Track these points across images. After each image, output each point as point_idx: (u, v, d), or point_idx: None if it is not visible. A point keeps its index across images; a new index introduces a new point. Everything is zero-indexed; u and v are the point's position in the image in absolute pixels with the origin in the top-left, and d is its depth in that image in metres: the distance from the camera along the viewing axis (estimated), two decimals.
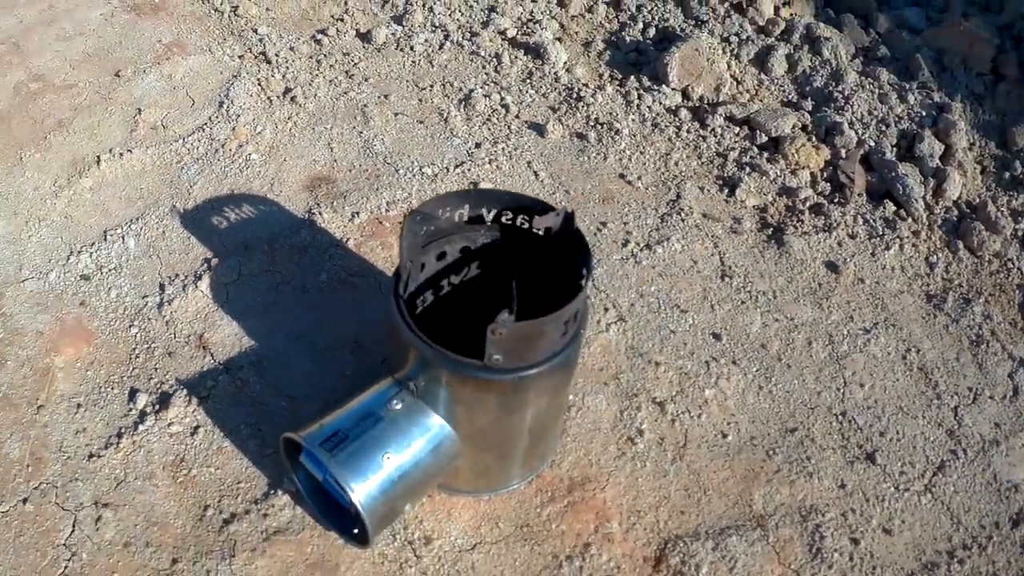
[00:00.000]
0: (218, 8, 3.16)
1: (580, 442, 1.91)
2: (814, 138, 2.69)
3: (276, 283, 2.18)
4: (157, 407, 1.89)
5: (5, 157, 2.49)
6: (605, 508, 1.80)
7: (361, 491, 1.51)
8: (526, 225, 1.71)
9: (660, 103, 2.87)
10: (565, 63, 3.03)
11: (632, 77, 2.96)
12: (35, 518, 1.69)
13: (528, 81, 2.95)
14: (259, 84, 2.79)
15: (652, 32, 3.14)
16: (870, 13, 3.18)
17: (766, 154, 2.68)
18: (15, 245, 2.24)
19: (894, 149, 2.66)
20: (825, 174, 2.62)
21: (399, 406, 1.62)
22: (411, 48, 3.05)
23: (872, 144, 2.66)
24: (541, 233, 1.69)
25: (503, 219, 1.73)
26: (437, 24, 3.16)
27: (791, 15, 3.06)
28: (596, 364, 2.08)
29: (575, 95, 2.89)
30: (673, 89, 2.89)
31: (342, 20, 3.14)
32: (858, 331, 2.20)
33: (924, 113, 2.74)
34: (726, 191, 2.57)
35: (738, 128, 2.77)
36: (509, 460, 1.73)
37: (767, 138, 2.71)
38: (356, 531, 1.66)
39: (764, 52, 2.94)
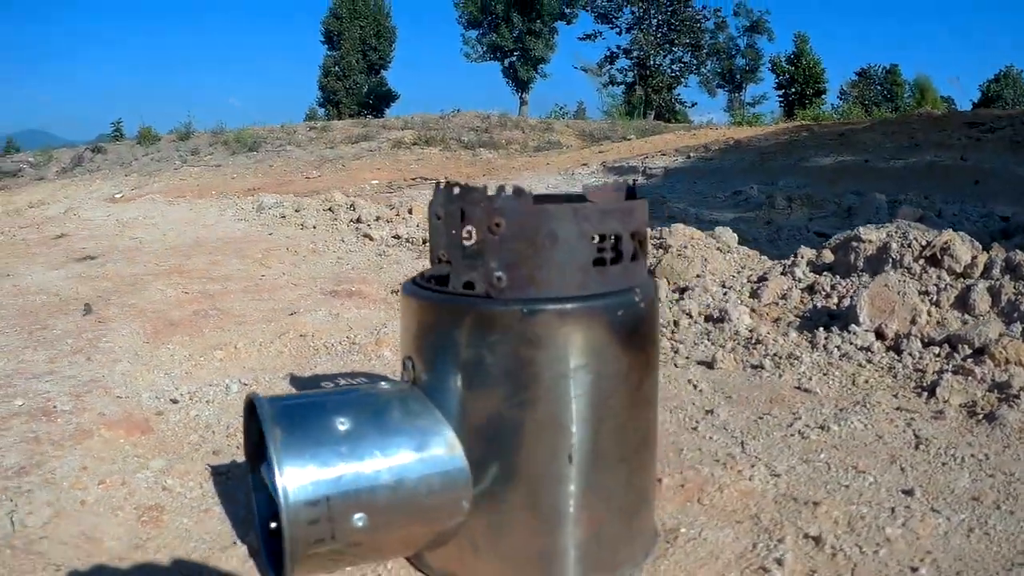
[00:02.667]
0: None
1: (683, 567, 1.28)
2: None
3: None
4: (166, 469, 1.58)
5: (158, 342, 2.59)
6: None
7: (287, 450, 1.05)
8: None
9: (851, 343, 2.45)
10: (748, 326, 2.76)
11: (821, 328, 2.61)
12: None
13: (706, 336, 2.69)
14: None
15: (846, 303, 2.84)
16: None
17: (971, 360, 2.17)
18: (125, 377, 2.20)
19: None
20: None
21: (385, 385, 1.23)
22: None
23: None
24: None
25: None
26: None
27: (988, 258, 2.72)
28: (728, 506, 1.48)
29: (754, 340, 2.57)
30: (865, 330, 2.49)
31: None
32: None
33: None
34: (925, 395, 2.02)
35: (937, 348, 2.30)
36: (551, 524, 1.17)
37: (971, 350, 2.23)
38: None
39: (964, 293, 2.55)
